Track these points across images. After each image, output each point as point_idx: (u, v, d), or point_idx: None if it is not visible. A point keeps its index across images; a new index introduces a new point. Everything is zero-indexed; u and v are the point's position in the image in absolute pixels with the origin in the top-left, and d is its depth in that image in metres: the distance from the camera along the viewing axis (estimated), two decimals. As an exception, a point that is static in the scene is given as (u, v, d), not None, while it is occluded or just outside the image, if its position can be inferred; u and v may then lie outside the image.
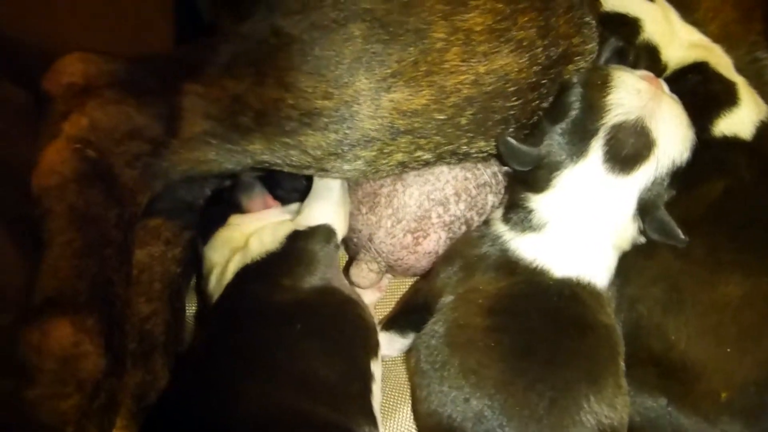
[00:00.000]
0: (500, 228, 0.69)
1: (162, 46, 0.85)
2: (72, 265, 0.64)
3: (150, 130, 0.69)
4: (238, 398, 0.57)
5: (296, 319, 0.63)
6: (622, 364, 0.63)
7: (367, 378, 0.64)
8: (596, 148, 0.65)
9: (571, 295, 0.64)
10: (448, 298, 0.66)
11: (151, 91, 0.71)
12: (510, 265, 0.66)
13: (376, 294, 0.83)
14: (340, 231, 0.72)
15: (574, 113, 0.66)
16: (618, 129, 0.65)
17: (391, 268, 0.77)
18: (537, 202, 0.67)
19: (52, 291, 0.63)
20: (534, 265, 0.65)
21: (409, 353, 0.69)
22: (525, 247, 0.67)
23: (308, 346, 0.62)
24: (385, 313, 0.78)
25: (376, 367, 0.66)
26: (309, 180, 0.81)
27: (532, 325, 0.62)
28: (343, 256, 0.83)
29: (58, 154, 0.68)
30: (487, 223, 0.71)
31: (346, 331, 0.65)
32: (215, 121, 0.68)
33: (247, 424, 0.57)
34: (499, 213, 0.71)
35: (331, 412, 0.58)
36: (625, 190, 0.65)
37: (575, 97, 0.67)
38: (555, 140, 0.67)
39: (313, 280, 0.68)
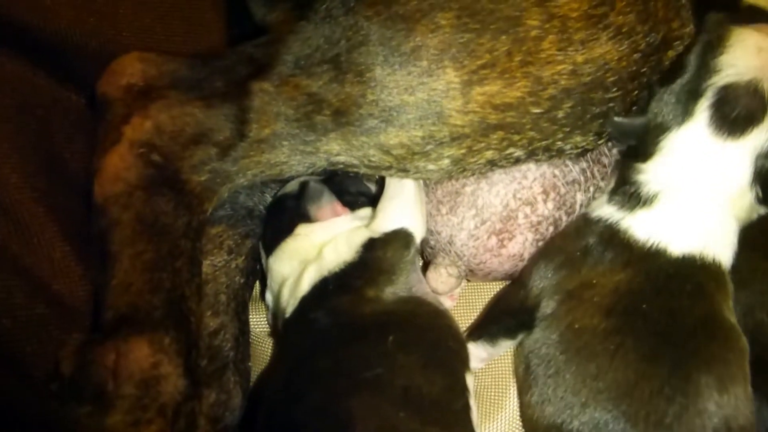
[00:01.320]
0: (606, 211, 0.64)
1: (216, 45, 0.80)
2: (145, 279, 0.59)
3: (217, 133, 0.65)
4: (352, 417, 0.53)
5: (388, 331, 0.59)
6: (748, 369, 0.58)
7: (466, 393, 0.59)
8: (702, 110, 0.61)
9: (695, 288, 0.59)
10: (553, 299, 0.62)
11: (217, 91, 0.66)
12: (623, 251, 0.61)
13: (448, 302, 0.78)
14: (419, 234, 0.67)
15: (685, 74, 0.63)
16: (727, 90, 0.61)
17: (470, 273, 0.72)
18: (645, 172, 0.63)
19: (125, 307, 0.58)
20: (649, 244, 0.61)
21: (517, 360, 0.64)
22: (637, 225, 0.62)
23: (405, 359, 0.57)
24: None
25: (470, 381, 0.61)
26: (376, 183, 0.77)
27: (656, 325, 0.57)
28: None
29: (121, 160, 0.63)
30: (586, 213, 0.67)
31: (440, 342, 0.61)
32: (288, 121, 0.64)
33: None
34: (603, 198, 0.66)
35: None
36: (736, 156, 0.61)
37: (689, 58, 0.63)
38: (662, 102, 0.63)
39: (397, 289, 0.64)
